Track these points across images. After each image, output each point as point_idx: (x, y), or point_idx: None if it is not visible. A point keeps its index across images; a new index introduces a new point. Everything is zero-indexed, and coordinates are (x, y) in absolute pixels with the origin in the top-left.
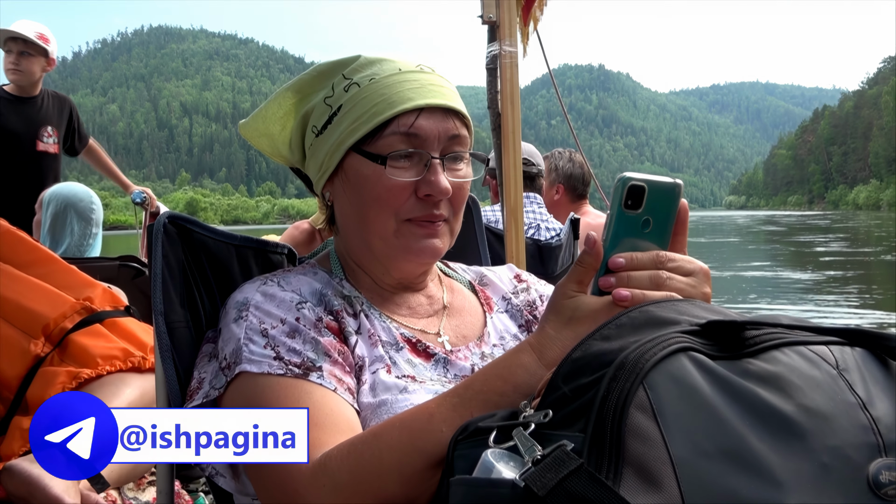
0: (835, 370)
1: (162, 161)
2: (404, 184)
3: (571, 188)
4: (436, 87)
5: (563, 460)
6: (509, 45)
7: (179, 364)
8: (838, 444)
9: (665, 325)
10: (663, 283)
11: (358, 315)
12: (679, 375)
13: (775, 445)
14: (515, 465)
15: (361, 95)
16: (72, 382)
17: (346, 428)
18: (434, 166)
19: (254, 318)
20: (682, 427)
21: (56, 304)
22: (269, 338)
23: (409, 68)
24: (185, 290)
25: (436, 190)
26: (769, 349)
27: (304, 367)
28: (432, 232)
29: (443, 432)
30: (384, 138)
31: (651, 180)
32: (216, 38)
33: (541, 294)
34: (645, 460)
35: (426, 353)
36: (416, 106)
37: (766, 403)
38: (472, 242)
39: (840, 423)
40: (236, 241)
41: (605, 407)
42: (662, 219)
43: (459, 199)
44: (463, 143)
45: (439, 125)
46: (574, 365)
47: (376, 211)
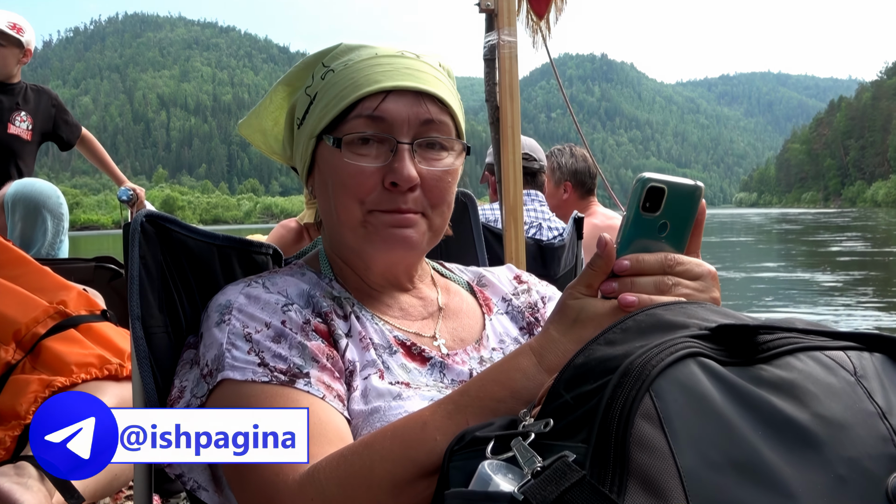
0: (852, 377)
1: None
2: (369, 171)
3: (580, 184)
4: (411, 71)
5: (565, 472)
6: (508, 35)
7: (158, 371)
8: (856, 455)
9: (673, 329)
10: (669, 289)
11: (348, 317)
12: (687, 382)
13: (789, 457)
14: (514, 478)
15: (334, 81)
16: (45, 391)
17: (336, 438)
18: (400, 152)
19: (237, 322)
20: (690, 437)
21: (28, 307)
22: (252, 343)
23: (387, 53)
24: (164, 294)
25: (399, 177)
26: (783, 355)
27: (290, 374)
28: (401, 222)
29: (437, 441)
30: (349, 122)
31: (671, 182)
32: (195, 27)
33: (542, 296)
34: (651, 472)
35: (421, 357)
36: (382, 88)
37: (779, 412)
38: (469, 243)
39: (857, 433)
40: (218, 240)
41: (609, 416)
42: (680, 222)
43: (438, 191)
44: (442, 130)
45: (409, 109)
46: (576, 371)
47: (342, 200)
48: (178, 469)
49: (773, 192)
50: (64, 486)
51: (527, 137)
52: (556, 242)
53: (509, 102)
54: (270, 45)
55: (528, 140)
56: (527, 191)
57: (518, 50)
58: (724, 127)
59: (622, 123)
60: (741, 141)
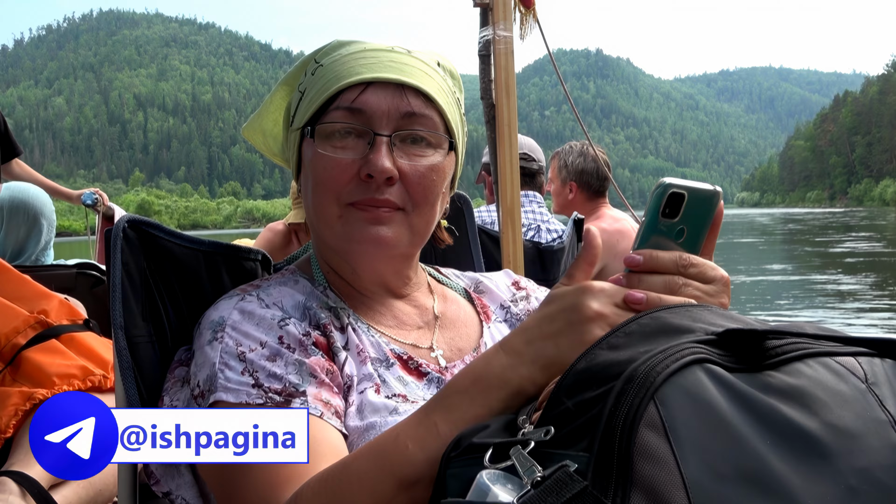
0: (864, 384)
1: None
2: (345, 163)
3: (585, 185)
4: (395, 64)
5: (566, 483)
6: (504, 30)
7: (142, 382)
8: (867, 465)
9: (678, 334)
10: (678, 289)
11: (345, 329)
12: (693, 390)
13: (798, 467)
14: (513, 488)
15: (320, 74)
16: (25, 404)
17: (331, 454)
18: (377, 144)
19: (230, 340)
20: (696, 447)
21: (7, 317)
22: (247, 362)
23: (376, 47)
24: (148, 302)
25: (374, 168)
26: (792, 361)
27: (285, 395)
28: (376, 217)
29: (409, 449)
30: (328, 115)
31: (692, 188)
32: (173, 24)
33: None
34: (655, 483)
35: (418, 372)
36: (362, 80)
37: (788, 421)
38: (464, 246)
39: (869, 443)
40: (204, 246)
41: (612, 424)
42: (698, 227)
43: (420, 188)
44: (426, 124)
45: (388, 101)
46: (578, 377)
47: (319, 195)
48: (165, 487)
49: (777, 191)
50: (46, 502)
51: (525, 137)
52: (556, 245)
53: (505, 100)
54: (252, 43)
55: (527, 140)
56: (525, 192)
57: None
58: (725, 124)
59: (618, 121)
60: (742, 138)
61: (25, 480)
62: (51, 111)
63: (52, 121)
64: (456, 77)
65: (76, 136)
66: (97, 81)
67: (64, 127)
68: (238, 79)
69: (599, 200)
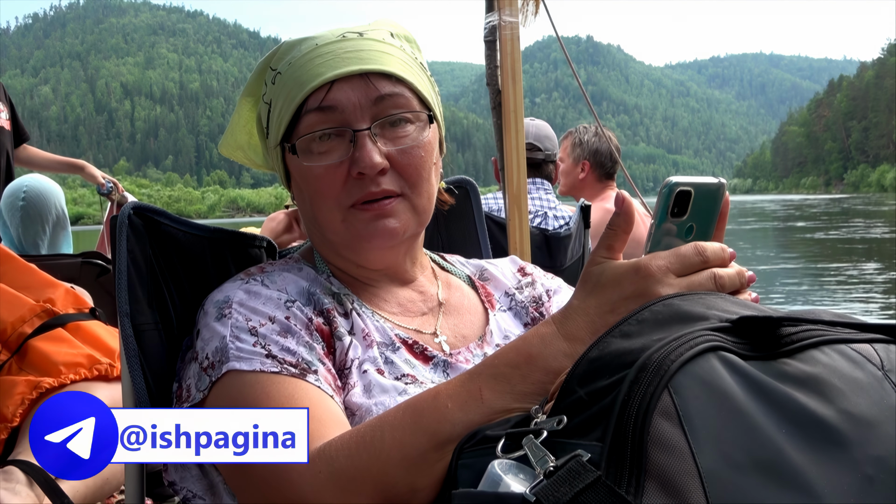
0: (880, 371)
1: (101, 149)
2: (333, 168)
3: (598, 165)
4: (351, 54)
5: (579, 472)
6: (509, 15)
7: (149, 369)
8: (884, 453)
9: (692, 321)
10: (717, 279)
11: (350, 314)
12: (708, 378)
13: (814, 456)
14: (525, 478)
15: (282, 83)
16: (32, 393)
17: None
18: (360, 140)
19: (239, 316)
20: (711, 436)
21: (14, 306)
22: (258, 336)
23: (327, 41)
24: (154, 289)
25: (364, 166)
26: (808, 348)
27: (300, 368)
28: (380, 212)
29: (448, 409)
30: (302, 124)
31: (697, 183)
32: (161, 11)
33: (547, 289)
34: (669, 473)
35: (424, 356)
36: (325, 80)
37: (804, 409)
38: (470, 232)
39: (886, 431)
40: (209, 233)
41: (626, 413)
42: (706, 222)
43: (411, 168)
44: (399, 103)
45: (357, 93)
46: (591, 365)
47: (319, 206)
48: (171, 476)
49: (770, 177)
50: (53, 491)
51: (539, 122)
52: (563, 232)
53: (511, 86)
54: (240, 30)
55: (540, 126)
56: (532, 179)
57: (520, 31)
58: (716, 111)
59: (609, 108)
60: (733, 125)
61: (32, 469)
62: (37, 100)
63: (38, 110)
64: (412, 40)
65: (62, 125)
66: (84, 70)
67: (50, 116)
68: (226, 67)
69: (608, 183)
